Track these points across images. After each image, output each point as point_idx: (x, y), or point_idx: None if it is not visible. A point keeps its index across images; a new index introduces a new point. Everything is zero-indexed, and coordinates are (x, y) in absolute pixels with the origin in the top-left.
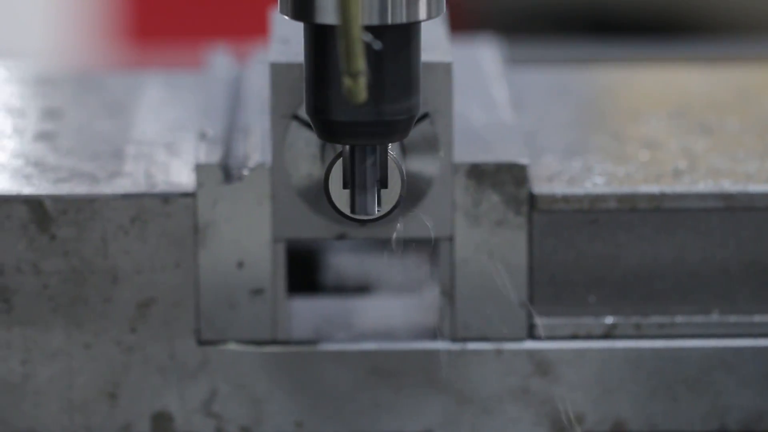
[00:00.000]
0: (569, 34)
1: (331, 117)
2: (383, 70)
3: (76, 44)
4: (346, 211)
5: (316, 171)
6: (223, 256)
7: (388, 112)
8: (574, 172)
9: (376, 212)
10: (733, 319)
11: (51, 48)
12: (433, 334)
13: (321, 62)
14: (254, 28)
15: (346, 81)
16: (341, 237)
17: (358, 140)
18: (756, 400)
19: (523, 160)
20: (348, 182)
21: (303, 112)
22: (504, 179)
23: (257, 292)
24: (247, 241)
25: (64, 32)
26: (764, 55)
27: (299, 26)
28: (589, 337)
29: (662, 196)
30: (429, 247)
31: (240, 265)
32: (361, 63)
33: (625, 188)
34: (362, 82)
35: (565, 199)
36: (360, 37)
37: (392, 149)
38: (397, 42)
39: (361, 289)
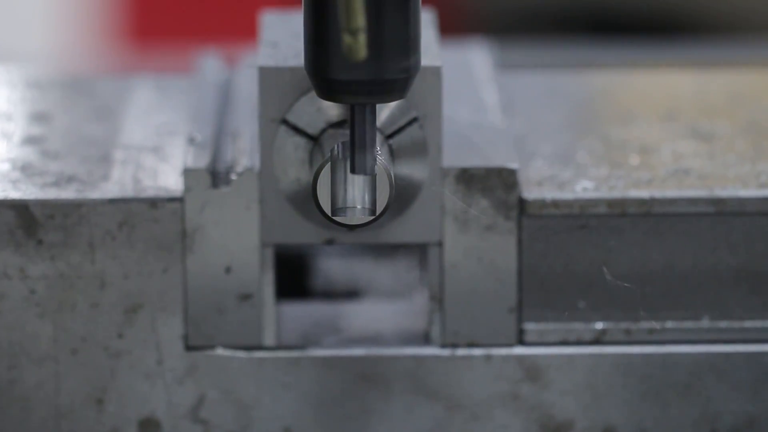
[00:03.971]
0: (562, 36)
1: (330, 75)
2: (383, 28)
3: (74, 46)
4: (335, 216)
5: (305, 176)
6: (211, 261)
7: (387, 70)
8: (564, 176)
9: (365, 217)
10: (723, 324)
11: (48, 49)
12: (422, 340)
13: (320, 20)
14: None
15: (346, 38)
16: (330, 242)
17: (357, 99)
18: (746, 405)
19: (512, 165)
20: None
21: (292, 117)
22: (493, 184)
23: (245, 297)
24: (235, 246)
25: (61, 34)
26: (756, 59)
27: (288, 30)
28: (579, 342)
29: (652, 201)
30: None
31: (228, 270)
32: (360, 19)
33: (615, 193)
34: (362, 39)
35: (555, 204)
36: None
37: (381, 154)
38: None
39: (350, 294)
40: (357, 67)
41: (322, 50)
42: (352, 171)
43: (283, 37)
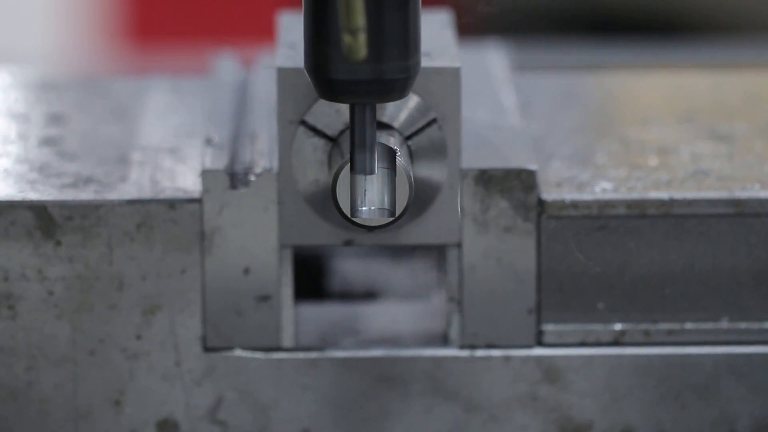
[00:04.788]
0: (576, 37)
1: (330, 75)
2: (383, 28)
3: (78, 46)
4: (354, 217)
5: (323, 177)
6: (230, 263)
7: (387, 70)
8: (582, 177)
9: (384, 219)
10: (742, 325)
11: (52, 49)
12: (441, 341)
13: (321, 19)
14: (260, 31)
15: (346, 38)
16: (348, 243)
17: (357, 98)
18: (765, 407)
19: (531, 166)
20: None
21: (311, 118)
22: (512, 185)
23: (263, 298)
24: (253, 247)
25: (64, 34)
26: None
27: None
28: (597, 343)
29: (672, 202)
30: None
31: (246, 271)
32: (360, 19)
33: (634, 194)
34: (362, 38)
35: (574, 205)
36: None
37: (400, 155)
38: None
39: (368, 295)
40: (357, 67)
41: (322, 50)
42: (353, 171)
43: (301, 39)
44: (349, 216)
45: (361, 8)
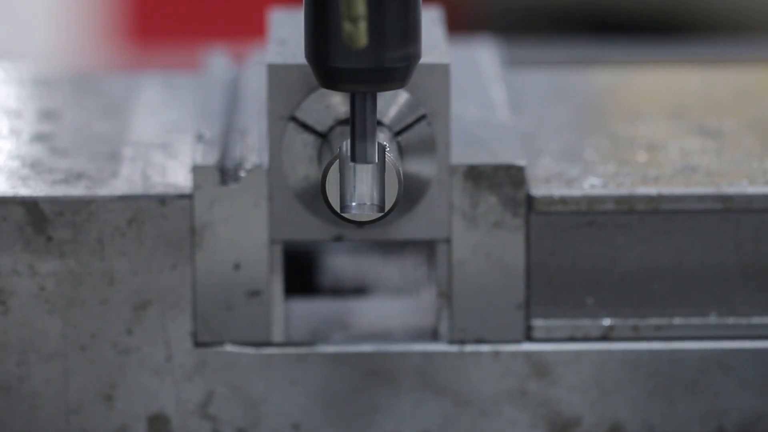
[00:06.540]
0: (568, 35)
1: (330, 63)
2: (383, 16)
3: (76, 44)
4: (343, 212)
5: (313, 173)
6: (220, 258)
7: (388, 58)
8: (571, 173)
9: (374, 214)
10: (731, 321)
11: (51, 48)
12: (430, 336)
13: (321, 8)
14: (253, 28)
15: (346, 26)
16: (338, 239)
17: (357, 87)
18: (754, 402)
19: (520, 162)
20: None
21: (301, 114)
22: (501, 181)
23: (254, 293)
24: (244, 242)
25: (63, 32)
26: (762, 56)
27: (297, 27)
28: (586, 339)
29: (660, 198)
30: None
31: (237, 266)
32: (361, 7)
33: (623, 190)
34: (362, 26)
35: (563, 200)
36: None
37: (390, 151)
38: None
39: (358, 290)
40: (357, 55)
41: (323, 38)
42: (353, 160)
43: (291, 35)
44: (338, 211)
45: None
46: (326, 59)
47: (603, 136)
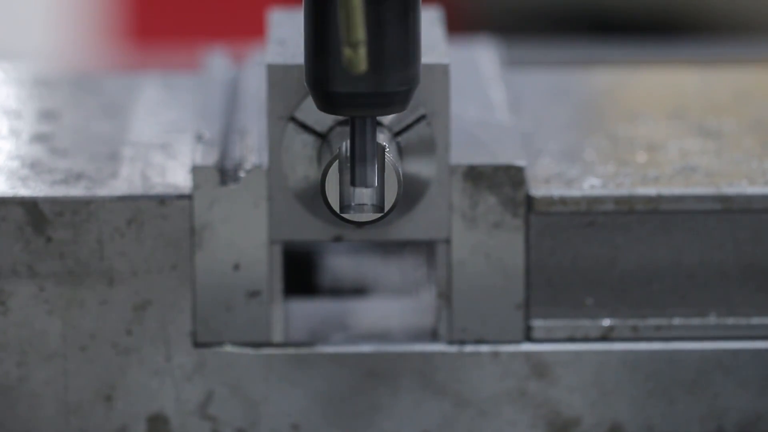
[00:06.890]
0: (568, 35)
1: (330, 88)
2: (383, 41)
3: (76, 44)
4: (343, 213)
5: (313, 173)
6: (220, 258)
7: (388, 82)
8: (571, 174)
9: (373, 215)
10: (730, 321)
11: (50, 48)
12: (430, 337)
13: (321, 32)
14: (253, 29)
15: (346, 51)
16: (338, 239)
17: (357, 111)
18: (753, 402)
19: (520, 162)
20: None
21: (300, 114)
22: (501, 181)
23: (253, 294)
24: (243, 243)
25: (63, 32)
26: (762, 57)
27: (296, 28)
28: (586, 339)
29: (659, 198)
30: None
31: (236, 267)
32: (361, 32)
33: (623, 190)
34: (362, 52)
35: (563, 201)
36: (360, 6)
37: (389, 151)
38: (396, 12)
39: (358, 291)
40: (357, 80)
41: (323, 63)
42: (353, 184)
43: (290, 35)
44: (338, 212)
45: (362, 22)
46: (326, 84)
47: (603, 137)
